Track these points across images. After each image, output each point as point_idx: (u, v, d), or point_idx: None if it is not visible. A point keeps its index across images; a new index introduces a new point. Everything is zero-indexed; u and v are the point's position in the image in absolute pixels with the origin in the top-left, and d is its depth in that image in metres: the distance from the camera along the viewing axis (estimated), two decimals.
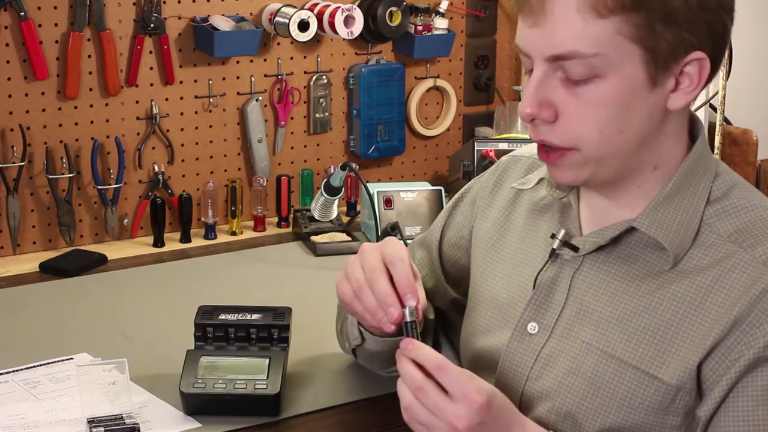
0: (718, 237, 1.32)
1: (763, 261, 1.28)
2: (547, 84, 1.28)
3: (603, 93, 1.26)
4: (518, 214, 1.50)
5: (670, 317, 1.31)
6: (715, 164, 1.38)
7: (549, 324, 1.39)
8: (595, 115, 1.27)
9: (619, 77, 1.25)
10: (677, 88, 1.29)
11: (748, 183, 1.39)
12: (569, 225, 1.41)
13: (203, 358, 1.65)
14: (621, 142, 1.29)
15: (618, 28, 1.23)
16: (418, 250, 1.68)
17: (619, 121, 1.27)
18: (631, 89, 1.26)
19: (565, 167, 1.32)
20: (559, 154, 1.31)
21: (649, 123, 1.29)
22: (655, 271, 1.33)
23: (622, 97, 1.26)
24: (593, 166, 1.31)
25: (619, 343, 1.33)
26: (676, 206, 1.33)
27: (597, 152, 1.29)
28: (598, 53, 1.24)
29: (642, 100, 1.27)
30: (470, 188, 1.64)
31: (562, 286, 1.39)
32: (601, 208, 1.38)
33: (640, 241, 1.35)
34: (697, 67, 1.27)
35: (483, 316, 1.49)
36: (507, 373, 1.41)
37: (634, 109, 1.27)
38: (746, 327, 1.27)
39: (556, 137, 1.30)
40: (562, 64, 1.26)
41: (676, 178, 1.34)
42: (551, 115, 1.29)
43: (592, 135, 1.28)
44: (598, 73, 1.25)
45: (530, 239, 1.46)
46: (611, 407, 1.32)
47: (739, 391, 1.27)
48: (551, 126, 1.30)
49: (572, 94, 1.27)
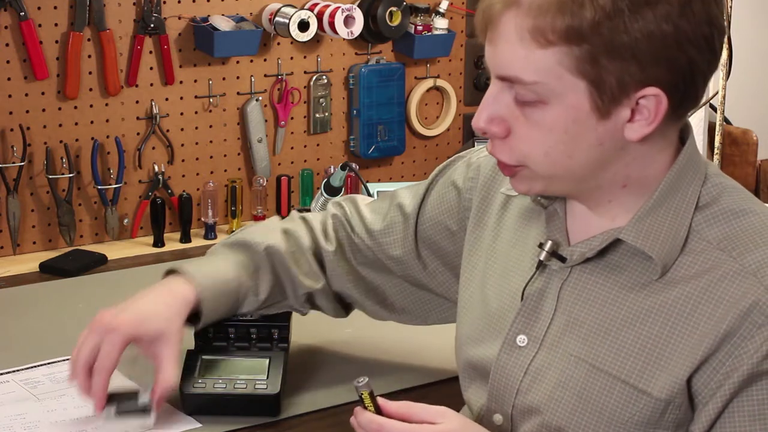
0: (707, 244, 1.29)
1: (752, 271, 1.25)
2: (501, 100, 1.27)
3: (547, 118, 1.24)
4: (508, 221, 1.48)
5: (659, 329, 1.28)
6: (704, 167, 1.34)
7: (538, 336, 1.37)
8: (540, 138, 1.26)
9: (563, 106, 1.23)
10: (633, 119, 1.24)
11: (738, 185, 1.35)
12: (556, 234, 1.38)
13: (203, 358, 1.65)
14: (570, 165, 1.27)
15: (559, 59, 1.21)
16: (396, 214, 1.68)
17: (564, 147, 1.26)
18: (576, 118, 1.24)
19: (517, 179, 1.32)
20: (508, 169, 1.31)
21: (601, 150, 1.26)
22: (643, 281, 1.31)
23: (566, 125, 1.24)
24: (544, 183, 1.30)
25: (607, 356, 1.31)
26: (664, 214, 1.30)
27: (544, 172, 1.28)
28: (538, 81, 1.22)
29: (589, 129, 1.24)
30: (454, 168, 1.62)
31: (550, 297, 1.37)
32: (584, 216, 1.36)
33: (627, 250, 1.32)
34: (654, 101, 1.23)
35: (474, 325, 1.47)
36: (497, 385, 1.40)
37: (582, 137, 1.25)
38: (737, 340, 1.24)
39: (505, 154, 1.29)
40: (511, 85, 1.25)
41: (661, 187, 1.30)
42: (503, 130, 1.28)
43: (537, 156, 1.27)
44: (542, 99, 1.24)
45: (519, 247, 1.44)
46: (600, 422, 1.31)
47: (734, 408, 1.25)
48: (503, 141, 1.29)
49: (522, 114, 1.26)
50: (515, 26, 1.22)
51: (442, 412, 1.31)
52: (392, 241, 1.67)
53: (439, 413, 1.31)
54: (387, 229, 1.68)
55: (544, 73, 1.22)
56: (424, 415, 1.31)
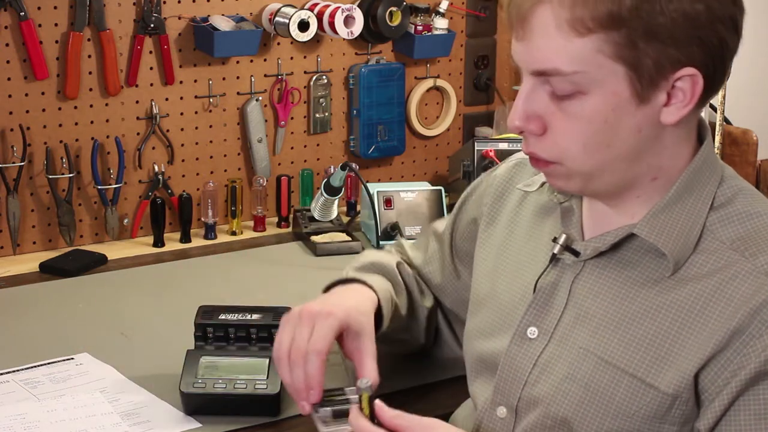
0: (721, 244, 1.30)
1: (765, 271, 1.26)
2: (535, 97, 1.27)
3: (587, 109, 1.25)
4: (523, 216, 1.50)
5: (669, 325, 1.29)
6: (721, 169, 1.36)
7: (548, 329, 1.38)
8: (579, 131, 1.26)
9: (603, 94, 1.24)
10: (669, 102, 1.26)
11: (754, 189, 1.36)
12: (571, 229, 1.40)
13: (203, 358, 1.65)
14: (607, 157, 1.28)
15: (598, 46, 1.22)
16: (432, 242, 1.71)
17: (603, 137, 1.26)
18: (615, 106, 1.25)
19: (554, 177, 1.33)
20: (545, 166, 1.31)
21: (639, 138, 1.27)
22: (655, 278, 1.32)
23: (606, 114, 1.25)
24: (581, 180, 1.31)
25: (616, 349, 1.32)
26: (678, 212, 1.32)
27: (580, 167, 1.29)
28: (579, 71, 1.23)
29: (628, 116, 1.26)
30: (480, 183, 1.64)
31: (562, 290, 1.38)
32: (603, 213, 1.37)
33: (640, 246, 1.33)
34: (690, 82, 1.25)
35: (485, 318, 1.48)
36: (505, 377, 1.41)
37: (621, 125, 1.26)
38: (746, 338, 1.25)
39: (542, 150, 1.29)
40: (547, 79, 1.26)
41: (678, 184, 1.32)
42: (539, 127, 1.28)
43: (576, 150, 1.27)
44: (581, 89, 1.24)
45: (534, 242, 1.46)
46: (607, 414, 1.31)
47: (740, 406, 1.26)
48: (539, 138, 1.29)
49: (558, 109, 1.26)
50: (552, 18, 1.23)
51: (431, 425, 1.33)
52: (433, 270, 1.70)
53: (429, 426, 1.33)
54: (428, 260, 1.71)
55: (584, 62, 1.23)
56: (415, 428, 1.32)
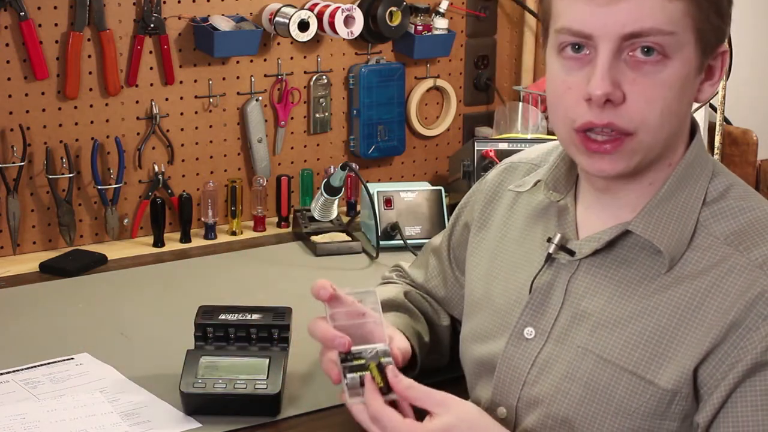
0: (715, 239, 1.31)
1: (759, 264, 1.27)
2: (615, 65, 1.27)
3: (667, 74, 1.27)
4: (516, 218, 1.50)
5: (666, 322, 1.30)
6: (711, 164, 1.37)
7: (545, 329, 1.38)
8: (660, 97, 1.28)
9: (681, 59, 1.28)
10: (706, 80, 1.33)
11: (745, 183, 1.38)
12: (566, 228, 1.40)
13: (203, 358, 1.65)
14: (671, 128, 1.31)
15: (687, 10, 1.26)
16: (431, 258, 1.71)
17: (677, 105, 1.30)
18: (687, 73, 1.29)
19: (620, 155, 1.30)
20: (619, 141, 1.29)
21: (688, 112, 1.34)
22: (651, 275, 1.33)
23: (682, 80, 1.29)
24: (641, 155, 1.31)
25: (614, 347, 1.32)
26: (672, 208, 1.33)
27: (651, 139, 1.30)
28: (673, 31, 1.26)
29: (691, 86, 1.31)
30: (471, 191, 1.64)
31: (558, 290, 1.38)
32: (600, 209, 1.38)
33: (635, 244, 1.34)
34: (720, 60, 1.32)
35: (481, 322, 1.48)
36: (504, 378, 1.41)
37: (687, 94, 1.31)
38: (743, 331, 1.26)
39: (622, 119, 1.28)
40: (634, 43, 1.26)
41: (672, 178, 1.33)
42: (620, 96, 1.28)
43: (654, 118, 1.28)
44: (666, 53, 1.27)
45: (528, 243, 1.46)
46: (607, 413, 1.32)
47: (738, 397, 1.26)
48: (617, 109, 1.28)
49: (640, 75, 1.27)
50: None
51: (442, 401, 1.32)
52: (436, 284, 1.70)
53: (439, 403, 1.32)
54: (429, 277, 1.71)
55: (677, 24, 1.26)
56: (426, 401, 1.32)
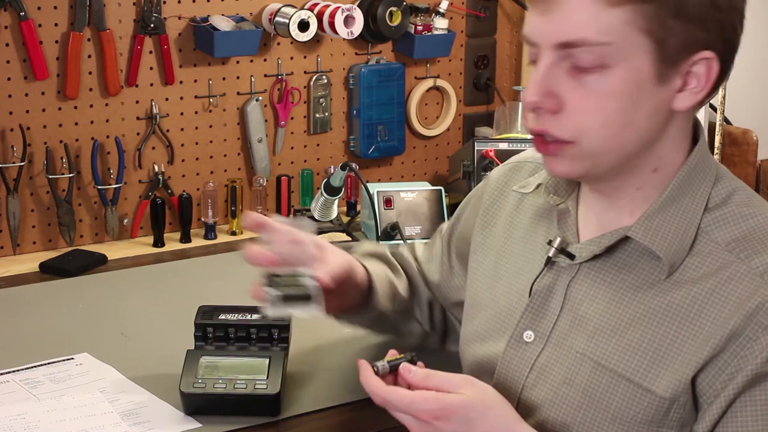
0: (716, 246, 1.29)
1: (760, 273, 1.26)
2: (554, 73, 1.26)
3: (610, 84, 1.24)
4: (521, 219, 1.49)
5: (665, 329, 1.29)
6: (715, 168, 1.35)
7: (545, 333, 1.38)
8: (600, 107, 1.25)
9: (627, 69, 1.23)
10: (684, 87, 1.26)
11: (749, 188, 1.35)
12: (566, 231, 1.39)
13: (203, 358, 1.65)
14: (623, 138, 1.26)
15: (629, 18, 1.22)
16: (437, 240, 1.72)
17: (623, 115, 1.25)
18: (637, 82, 1.24)
19: (561, 159, 1.30)
20: (557, 145, 1.29)
21: (654, 121, 1.27)
22: (650, 281, 1.31)
23: (629, 90, 1.24)
24: (589, 162, 1.29)
25: (612, 354, 1.31)
26: (673, 213, 1.31)
27: (595, 147, 1.27)
28: (608, 42, 1.22)
29: (648, 95, 1.25)
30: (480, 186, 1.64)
31: (557, 294, 1.37)
32: (600, 212, 1.36)
33: (635, 249, 1.33)
34: (705, 67, 1.25)
35: (482, 322, 1.48)
36: (503, 381, 1.40)
37: (640, 104, 1.25)
38: (743, 341, 1.24)
39: (558, 128, 1.27)
40: (570, 53, 1.24)
41: (673, 184, 1.31)
42: (555, 105, 1.26)
43: (594, 128, 1.26)
44: (606, 63, 1.23)
45: (531, 244, 1.45)
46: (605, 419, 1.31)
47: (738, 408, 1.25)
48: (554, 117, 1.27)
49: (579, 84, 1.25)
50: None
51: (464, 382, 1.30)
52: (432, 269, 1.71)
53: (460, 384, 1.30)
54: (430, 258, 1.73)
55: (614, 33, 1.22)
56: (447, 385, 1.30)
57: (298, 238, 1.51)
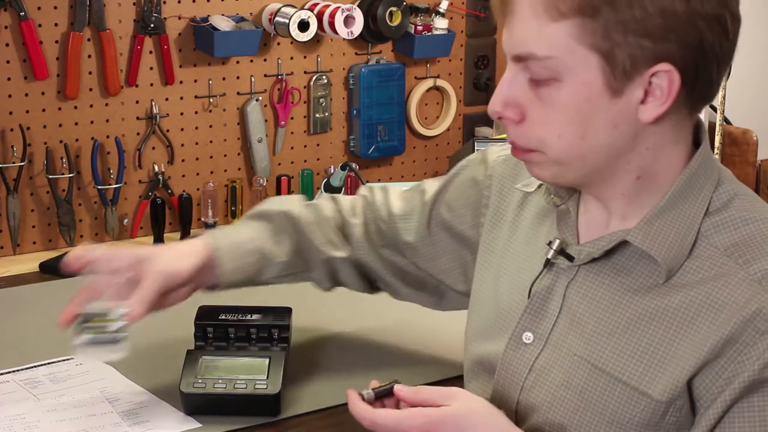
0: (715, 250, 1.28)
1: (758, 279, 1.24)
2: (516, 84, 1.27)
3: (561, 97, 1.24)
4: (525, 218, 1.48)
5: (662, 332, 1.28)
6: (718, 172, 1.33)
7: (543, 334, 1.37)
8: (554, 119, 1.25)
9: (576, 83, 1.23)
10: (647, 100, 1.24)
11: (751, 192, 1.34)
12: (566, 233, 1.38)
13: (203, 358, 1.65)
14: (582, 149, 1.26)
15: (573, 32, 1.21)
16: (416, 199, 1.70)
17: (577, 128, 1.25)
18: (588, 96, 1.23)
19: (531, 165, 1.32)
20: (525, 152, 1.31)
21: (615, 134, 1.25)
22: (648, 284, 1.30)
23: (579, 104, 1.24)
24: (558, 168, 1.29)
25: (609, 357, 1.31)
26: (674, 218, 1.30)
27: (559, 156, 1.27)
28: (551, 56, 1.22)
29: (602, 108, 1.24)
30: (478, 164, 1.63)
31: (556, 295, 1.37)
32: (597, 217, 1.36)
33: (634, 253, 1.32)
34: (666, 79, 1.22)
35: (485, 321, 1.48)
36: (503, 382, 1.40)
37: (594, 117, 1.24)
38: (740, 346, 1.23)
39: (523, 138, 1.29)
40: (526, 65, 1.25)
41: (673, 189, 1.30)
42: (517, 115, 1.28)
43: (551, 139, 1.26)
44: (555, 76, 1.23)
45: (533, 244, 1.44)
46: (601, 422, 1.31)
47: (735, 414, 1.24)
48: (518, 126, 1.29)
49: (536, 96, 1.26)
50: (528, 2, 1.23)
51: (450, 393, 1.31)
52: (408, 227, 1.69)
53: (447, 395, 1.31)
54: (406, 215, 1.70)
55: (556, 48, 1.22)
56: (434, 398, 1.31)
57: (116, 266, 1.58)
